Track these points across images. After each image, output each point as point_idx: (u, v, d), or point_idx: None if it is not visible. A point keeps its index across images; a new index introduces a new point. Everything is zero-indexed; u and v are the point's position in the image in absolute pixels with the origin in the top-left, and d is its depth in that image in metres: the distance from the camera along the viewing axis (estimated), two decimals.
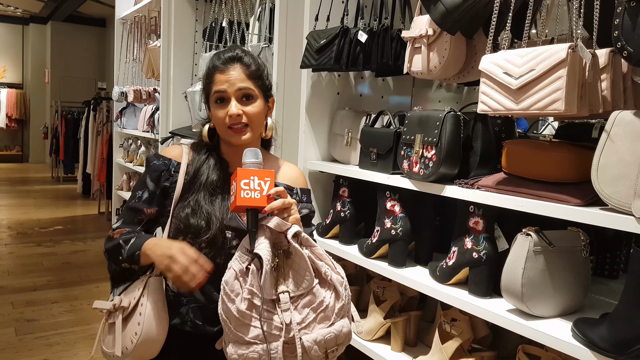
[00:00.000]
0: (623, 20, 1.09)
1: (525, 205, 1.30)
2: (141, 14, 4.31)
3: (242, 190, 1.16)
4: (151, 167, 1.38)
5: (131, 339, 1.25)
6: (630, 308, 1.08)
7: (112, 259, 1.31)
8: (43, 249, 5.24)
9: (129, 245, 1.27)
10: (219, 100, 1.33)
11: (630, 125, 1.10)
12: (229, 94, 1.32)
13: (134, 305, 1.28)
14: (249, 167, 1.21)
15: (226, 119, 1.31)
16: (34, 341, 3.17)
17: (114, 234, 1.32)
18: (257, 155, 1.24)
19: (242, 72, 1.33)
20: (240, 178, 1.17)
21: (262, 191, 1.17)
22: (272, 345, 1.12)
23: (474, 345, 1.60)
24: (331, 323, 1.15)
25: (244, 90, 1.32)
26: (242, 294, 1.14)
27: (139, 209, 1.35)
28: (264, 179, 1.18)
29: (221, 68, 1.34)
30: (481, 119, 1.57)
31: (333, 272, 1.19)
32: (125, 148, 4.86)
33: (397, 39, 1.89)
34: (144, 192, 1.36)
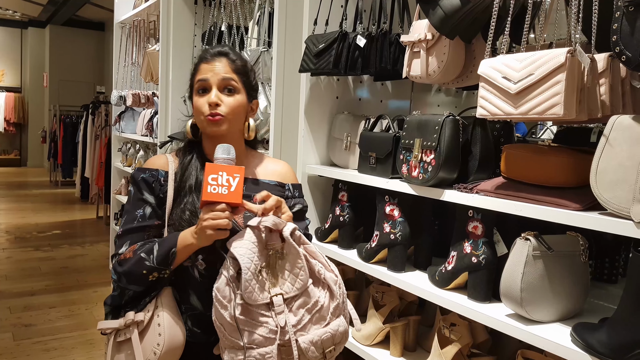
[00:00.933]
0: (621, 25, 1.09)
1: (524, 210, 1.30)
2: (140, 17, 4.31)
3: (208, 185, 1.15)
4: (141, 181, 1.33)
5: (153, 351, 1.23)
6: (629, 313, 1.08)
7: (133, 278, 1.25)
8: (41, 253, 5.23)
9: (156, 251, 1.23)
10: (201, 90, 1.32)
11: (629, 130, 1.10)
12: (211, 83, 1.31)
13: (149, 317, 1.25)
14: (221, 162, 1.19)
15: (204, 107, 1.30)
16: (32, 346, 3.16)
17: (125, 255, 1.26)
18: (229, 152, 1.22)
19: (227, 64, 1.33)
20: (208, 173, 1.16)
21: (229, 187, 1.16)
22: (267, 349, 1.11)
23: (473, 350, 1.59)
24: (327, 323, 1.15)
25: (226, 81, 1.32)
26: (235, 300, 1.13)
27: (147, 226, 1.30)
28: (233, 175, 1.17)
29: (207, 59, 1.33)
30: (480, 124, 1.57)
31: (327, 271, 1.19)
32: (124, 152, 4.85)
33: (396, 43, 1.89)
34: (145, 208, 1.31)
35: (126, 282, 1.26)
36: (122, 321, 1.26)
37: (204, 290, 1.29)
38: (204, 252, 1.28)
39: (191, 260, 1.29)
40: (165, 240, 1.26)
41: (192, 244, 1.22)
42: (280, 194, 1.41)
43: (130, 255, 1.26)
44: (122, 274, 1.25)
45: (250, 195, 1.36)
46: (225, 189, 1.16)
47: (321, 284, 1.18)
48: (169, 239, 1.25)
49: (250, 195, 1.36)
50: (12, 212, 7.25)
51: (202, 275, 1.29)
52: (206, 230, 1.17)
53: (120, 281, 1.27)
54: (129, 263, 1.24)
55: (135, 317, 1.25)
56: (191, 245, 1.22)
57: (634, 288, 1.08)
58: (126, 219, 1.32)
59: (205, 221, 1.17)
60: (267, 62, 2.47)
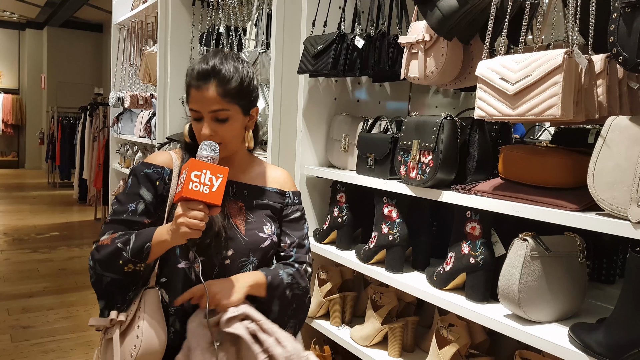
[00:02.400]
0: (618, 26, 1.09)
1: (522, 211, 1.30)
2: (138, 19, 4.31)
3: (191, 181, 1.12)
4: (143, 176, 1.31)
5: (130, 353, 1.22)
6: (626, 313, 1.08)
7: (109, 266, 1.24)
8: (39, 255, 5.22)
9: (132, 242, 1.21)
10: (196, 118, 1.29)
11: (626, 131, 1.10)
12: (202, 114, 1.27)
13: (131, 318, 1.24)
14: (204, 159, 1.17)
15: (200, 134, 1.28)
16: (30, 348, 3.15)
17: (103, 242, 1.25)
18: (214, 150, 1.20)
19: (215, 91, 1.25)
20: (192, 169, 1.13)
21: (211, 187, 1.13)
22: None
23: (472, 351, 1.59)
24: None
25: (216, 113, 1.26)
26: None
27: (136, 222, 1.29)
28: (217, 174, 1.14)
29: (195, 85, 1.26)
30: (478, 125, 1.58)
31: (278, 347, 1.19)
32: (122, 154, 4.85)
33: (394, 44, 1.90)
34: (138, 203, 1.29)
35: (101, 269, 1.24)
36: (108, 320, 1.26)
37: None
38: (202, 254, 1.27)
39: (189, 262, 1.29)
40: (142, 233, 1.24)
41: (166, 240, 1.19)
42: (281, 201, 1.42)
43: (108, 242, 1.24)
44: (98, 261, 1.24)
45: (252, 201, 1.37)
46: (207, 188, 1.13)
47: None
48: (146, 232, 1.23)
49: (251, 201, 1.37)
50: (10, 213, 7.23)
51: (198, 278, 1.28)
52: (181, 227, 1.14)
53: (96, 268, 1.25)
54: (106, 251, 1.23)
55: (117, 317, 1.25)
56: (165, 241, 1.20)
57: (631, 288, 1.08)
58: (116, 208, 1.30)
59: (181, 218, 1.14)
60: (265, 64, 2.47)
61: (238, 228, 1.29)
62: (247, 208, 1.35)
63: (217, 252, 1.28)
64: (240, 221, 1.31)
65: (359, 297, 2.12)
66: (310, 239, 2.14)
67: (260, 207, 1.38)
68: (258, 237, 1.33)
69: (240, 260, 1.31)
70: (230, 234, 1.27)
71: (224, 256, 1.28)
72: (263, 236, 1.33)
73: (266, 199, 1.40)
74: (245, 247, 1.31)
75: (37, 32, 12.45)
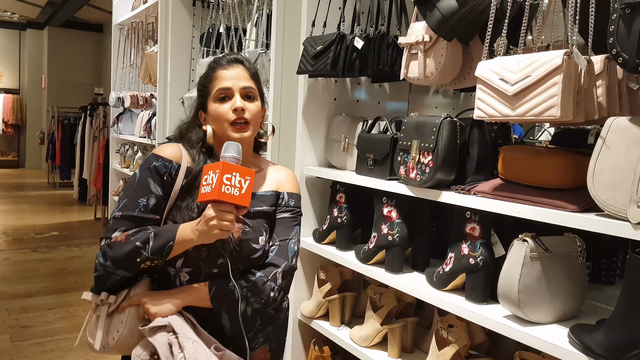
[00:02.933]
0: (618, 27, 1.09)
1: (522, 211, 1.30)
2: (138, 19, 4.31)
3: (223, 184, 1.14)
4: (153, 169, 1.29)
5: (113, 337, 1.25)
6: (626, 314, 1.08)
7: (125, 265, 1.22)
8: (39, 255, 5.22)
9: (153, 241, 1.20)
10: (222, 98, 1.32)
11: (626, 132, 1.10)
12: (234, 91, 1.32)
13: (119, 302, 1.26)
14: (230, 161, 1.18)
15: (229, 114, 1.30)
16: (29, 348, 3.15)
17: (116, 239, 1.23)
18: (239, 152, 1.21)
19: (245, 71, 1.36)
20: (224, 172, 1.15)
21: (241, 189, 1.16)
22: None
23: (471, 352, 1.59)
24: None
25: (247, 89, 1.34)
26: None
27: (148, 219, 1.27)
28: (245, 177, 1.17)
29: (224, 65, 1.35)
30: (477, 125, 1.58)
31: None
32: (122, 154, 4.85)
33: (394, 45, 1.90)
34: (149, 198, 1.27)
35: (114, 267, 1.23)
36: (97, 298, 1.28)
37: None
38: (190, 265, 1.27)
39: (176, 269, 1.28)
40: (163, 231, 1.23)
41: (192, 239, 1.21)
42: (274, 203, 1.40)
43: (122, 239, 1.22)
44: (111, 259, 1.22)
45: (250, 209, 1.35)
46: (237, 191, 1.16)
47: None
48: (168, 230, 1.23)
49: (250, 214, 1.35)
50: (9, 213, 7.23)
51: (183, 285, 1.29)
52: (213, 229, 1.17)
53: (107, 265, 1.23)
54: (122, 249, 1.21)
55: (108, 299, 1.27)
56: (190, 240, 1.21)
57: (631, 289, 1.08)
58: (127, 203, 1.27)
59: (213, 220, 1.16)
60: (265, 64, 2.47)
61: (233, 237, 1.28)
62: (245, 216, 1.32)
63: (209, 264, 1.27)
64: (236, 229, 1.29)
65: (359, 298, 2.12)
66: (310, 239, 2.14)
67: (258, 214, 1.36)
68: (251, 249, 1.30)
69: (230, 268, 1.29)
70: (222, 242, 1.26)
71: (215, 265, 1.27)
72: (256, 247, 1.31)
73: (262, 204, 1.37)
74: (235, 257, 1.29)
75: (37, 32, 12.46)
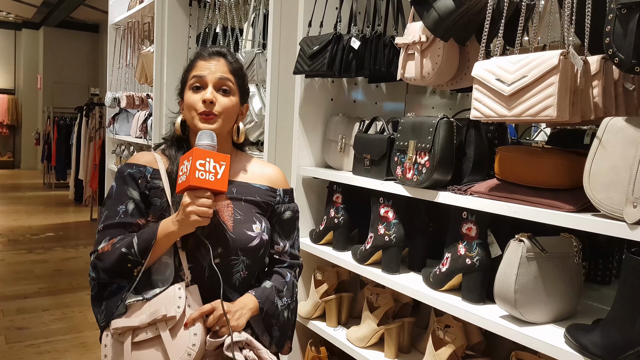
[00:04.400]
0: (614, 27, 1.09)
1: (518, 212, 1.30)
2: (134, 19, 4.30)
3: (197, 170, 1.14)
4: (127, 177, 1.30)
5: (188, 352, 1.16)
6: (622, 314, 1.08)
7: (117, 273, 1.21)
8: (34, 256, 5.20)
9: (136, 245, 1.20)
10: (196, 87, 1.31)
11: (622, 132, 1.10)
12: (207, 81, 1.30)
13: (180, 314, 1.18)
14: (205, 148, 1.18)
15: (198, 104, 1.29)
16: (25, 349, 3.13)
17: (103, 250, 1.23)
18: (213, 139, 1.22)
19: (225, 65, 1.33)
20: (196, 158, 1.15)
21: (216, 174, 1.16)
22: None
23: (468, 352, 1.59)
24: None
25: (223, 82, 1.31)
26: None
27: (130, 223, 1.27)
28: (220, 162, 1.17)
29: (205, 56, 1.33)
30: (474, 125, 1.58)
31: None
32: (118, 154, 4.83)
33: (390, 45, 1.89)
34: (127, 204, 1.28)
35: (108, 278, 1.23)
36: (144, 318, 1.17)
37: None
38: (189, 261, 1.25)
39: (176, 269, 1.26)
40: (144, 231, 1.23)
41: (174, 231, 1.20)
42: (271, 199, 1.40)
43: (108, 248, 1.22)
44: (103, 270, 1.22)
45: (241, 198, 1.36)
46: (212, 176, 1.15)
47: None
48: (149, 229, 1.23)
49: (240, 198, 1.35)
50: (5, 214, 7.20)
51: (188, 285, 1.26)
52: (191, 216, 1.16)
53: (100, 277, 1.23)
54: (110, 259, 1.21)
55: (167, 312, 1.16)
56: (172, 232, 1.20)
57: (627, 289, 1.08)
58: (107, 214, 1.28)
59: (190, 206, 1.16)
60: (261, 64, 2.47)
61: (226, 225, 1.27)
62: (236, 205, 1.32)
63: (206, 255, 1.25)
64: (227, 217, 1.29)
65: (355, 298, 2.11)
66: (307, 239, 2.14)
67: (249, 203, 1.36)
68: (246, 236, 1.30)
69: (230, 258, 1.29)
70: (218, 231, 1.25)
71: (214, 255, 1.25)
72: (251, 235, 1.30)
73: (256, 195, 1.37)
74: (233, 246, 1.28)
75: (33, 32, 12.42)
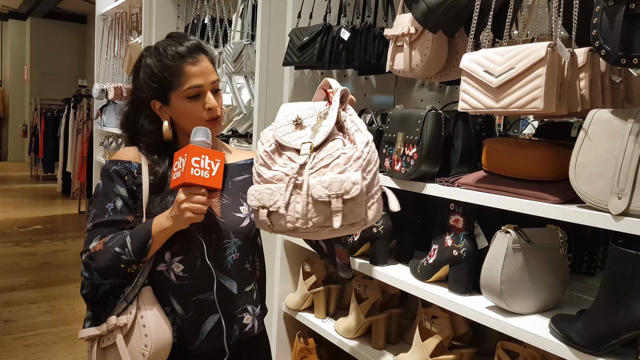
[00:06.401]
0: (601, 19, 1.10)
1: (505, 203, 1.31)
2: (122, 10, 4.25)
3: (192, 167, 1.14)
4: (113, 174, 1.28)
5: (142, 353, 1.19)
6: (606, 304, 1.09)
7: (110, 273, 1.20)
8: (22, 248, 5.16)
9: (130, 243, 1.19)
10: (194, 96, 1.27)
11: (608, 124, 1.11)
12: (206, 89, 1.27)
13: (132, 320, 1.20)
14: (200, 145, 1.18)
15: (203, 113, 1.27)
16: (12, 342, 3.11)
17: (95, 248, 1.21)
18: (208, 135, 1.21)
19: (208, 61, 1.30)
20: (192, 155, 1.14)
21: (211, 172, 1.16)
22: (280, 184, 1.13)
23: (454, 343, 1.60)
24: (341, 171, 1.11)
25: (215, 84, 1.30)
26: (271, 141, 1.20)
27: (119, 220, 1.25)
28: (215, 159, 1.17)
29: (190, 61, 1.26)
30: (462, 118, 1.58)
31: (357, 132, 1.18)
32: (106, 146, 4.79)
33: (380, 37, 1.89)
34: (115, 201, 1.26)
35: (101, 278, 1.21)
36: (104, 327, 1.21)
37: (183, 294, 1.26)
38: (180, 253, 1.25)
39: (166, 264, 1.26)
40: (138, 230, 1.22)
41: (168, 227, 1.19)
42: None
43: (100, 247, 1.21)
44: (96, 270, 1.20)
45: (227, 181, 1.34)
46: (207, 173, 1.16)
47: (351, 142, 1.17)
48: (143, 227, 1.22)
49: (227, 182, 1.34)
50: None
51: (180, 277, 1.26)
52: (185, 213, 1.16)
53: (93, 277, 1.21)
54: (103, 258, 1.20)
55: (117, 322, 1.20)
56: (167, 229, 1.20)
57: (611, 280, 1.09)
58: (96, 212, 1.26)
59: (184, 203, 1.15)
60: (250, 56, 2.45)
61: (213, 211, 1.27)
62: (222, 190, 1.31)
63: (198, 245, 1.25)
64: (214, 204, 1.29)
65: (344, 290, 2.12)
66: None
67: (237, 185, 1.35)
68: (235, 218, 1.30)
69: (222, 242, 1.29)
70: (206, 220, 1.24)
71: (206, 243, 1.25)
72: (240, 216, 1.31)
73: (242, 172, 1.38)
74: (224, 229, 1.28)
75: (20, 23, 12.25)
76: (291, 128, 1.20)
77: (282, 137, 1.19)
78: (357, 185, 1.08)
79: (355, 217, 1.10)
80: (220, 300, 1.27)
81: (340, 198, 1.08)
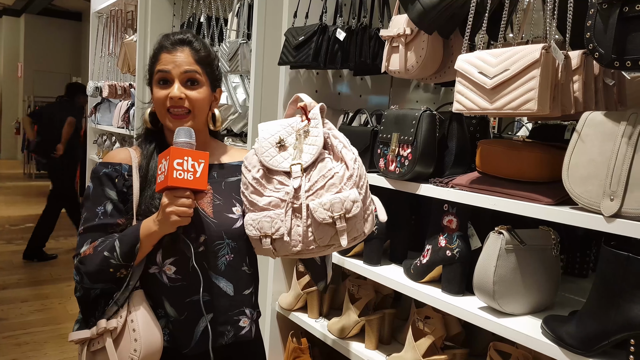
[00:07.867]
0: (595, 22, 1.10)
1: (498, 204, 1.32)
2: (117, 7, 4.24)
3: (174, 170, 1.12)
4: (103, 176, 1.27)
5: (131, 357, 1.18)
6: (597, 306, 1.10)
7: (99, 277, 1.19)
8: (14, 246, 5.13)
9: (119, 247, 1.18)
10: (162, 82, 1.27)
11: (601, 126, 1.12)
12: (173, 76, 1.26)
13: (122, 323, 1.19)
14: (182, 146, 1.16)
15: (167, 101, 1.26)
16: (3, 341, 3.10)
17: (85, 253, 1.21)
18: (191, 136, 1.19)
19: (190, 55, 1.28)
20: (174, 157, 1.12)
21: (195, 173, 1.14)
22: (279, 210, 1.15)
23: (447, 343, 1.61)
24: (338, 191, 1.14)
25: (189, 74, 1.27)
26: (257, 166, 1.21)
27: (110, 224, 1.25)
28: (198, 160, 1.15)
29: (169, 48, 1.28)
30: (456, 119, 1.59)
31: (344, 149, 1.20)
32: (100, 144, 4.77)
33: (376, 37, 1.89)
34: (106, 204, 1.25)
35: (90, 282, 1.21)
36: (94, 330, 1.21)
37: (176, 297, 1.25)
38: (171, 255, 1.24)
39: (158, 266, 1.25)
40: (126, 234, 1.20)
41: (155, 231, 1.18)
42: None
43: (90, 251, 1.20)
44: (85, 274, 1.20)
45: (221, 181, 1.34)
46: (191, 175, 1.14)
47: (339, 159, 1.19)
48: (130, 233, 1.20)
49: (220, 182, 1.34)
50: None
51: (172, 279, 1.25)
52: (171, 216, 1.14)
53: (83, 281, 1.21)
54: (93, 262, 1.19)
55: (107, 325, 1.20)
56: (155, 233, 1.18)
57: (603, 282, 1.10)
58: (86, 216, 1.26)
59: (169, 207, 1.14)
60: (246, 55, 2.45)
61: (205, 212, 1.26)
62: (215, 190, 1.31)
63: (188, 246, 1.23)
64: (206, 204, 1.28)
65: (337, 290, 2.12)
66: None
67: (230, 186, 1.34)
68: (228, 219, 1.28)
69: (214, 244, 1.27)
70: (197, 220, 1.23)
71: (198, 244, 1.24)
72: (233, 217, 1.29)
73: (236, 173, 1.36)
74: (217, 230, 1.26)
75: (14, 20, 12.19)
76: (275, 151, 1.22)
77: (269, 162, 1.21)
78: (358, 203, 1.14)
79: (357, 231, 1.16)
80: (215, 301, 1.26)
81: (343, 218, 1.14)
